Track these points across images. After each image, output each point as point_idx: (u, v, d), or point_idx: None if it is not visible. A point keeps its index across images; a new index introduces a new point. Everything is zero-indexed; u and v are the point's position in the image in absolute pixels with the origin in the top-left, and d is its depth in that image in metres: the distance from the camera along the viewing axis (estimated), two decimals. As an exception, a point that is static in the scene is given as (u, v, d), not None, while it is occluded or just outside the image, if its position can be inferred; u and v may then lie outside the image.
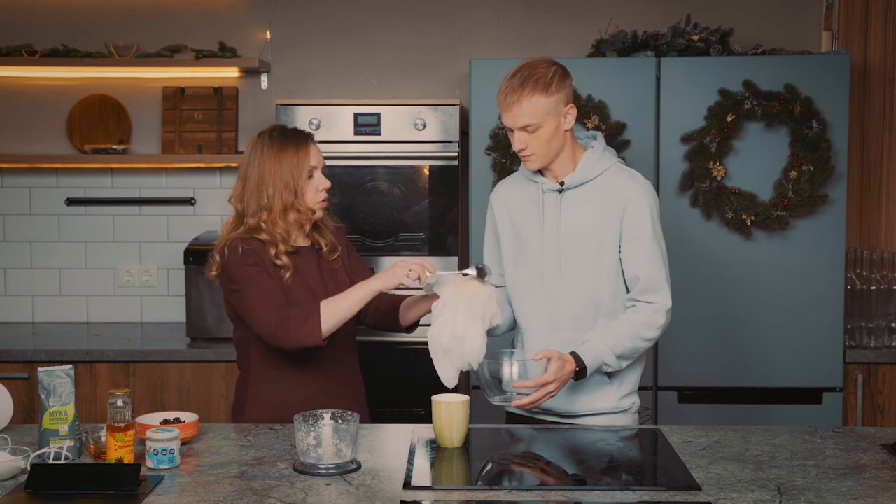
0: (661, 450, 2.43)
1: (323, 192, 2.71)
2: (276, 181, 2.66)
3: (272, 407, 2.68)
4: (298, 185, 2.66)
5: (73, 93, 4.30)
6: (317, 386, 2.69)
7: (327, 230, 2.80)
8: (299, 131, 2.74)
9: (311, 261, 2.74)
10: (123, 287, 4.36)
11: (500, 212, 2.77)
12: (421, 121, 3.84)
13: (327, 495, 2.07)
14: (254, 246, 2.65)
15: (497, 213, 2.78)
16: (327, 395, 2.68)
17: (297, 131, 2.73)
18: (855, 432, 2.54)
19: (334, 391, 2.71)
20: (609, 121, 3.64)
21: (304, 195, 2.68)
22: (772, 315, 3.70)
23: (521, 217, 2.72)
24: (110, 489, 2.07)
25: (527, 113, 2.54)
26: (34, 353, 3.74)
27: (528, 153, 2.60)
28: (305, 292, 2.67)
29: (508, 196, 2.76)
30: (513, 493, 2.09)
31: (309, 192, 2.69)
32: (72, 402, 2.29)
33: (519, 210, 2.72)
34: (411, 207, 3.80)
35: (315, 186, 2.70)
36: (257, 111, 4.31)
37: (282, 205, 2.66)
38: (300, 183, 2.66)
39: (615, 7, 4.24)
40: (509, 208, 2.75)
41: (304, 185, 2.68)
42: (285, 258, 2.65)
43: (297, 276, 2.68)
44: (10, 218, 4.35)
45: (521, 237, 2.71)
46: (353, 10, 4.31)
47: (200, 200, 4.33)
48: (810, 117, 3.60)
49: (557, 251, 2.65)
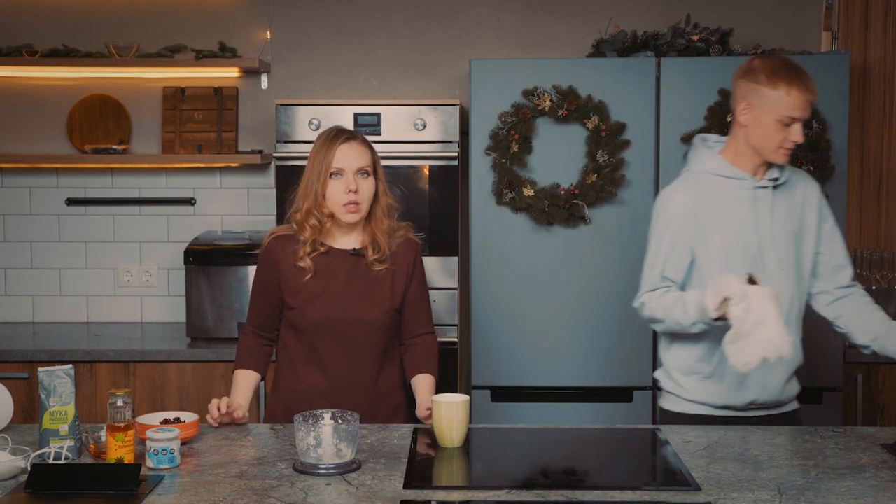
0: (661, 450, 2.43)
1: (349, 196, 2.62)
2: (305, 182, 2.68)
3: (286, 396, 2.72)
4: (318, 188, 2.64)
5: (73, 93, 4.30)
6: (327, 385, 2.69)
7: (380, 236, 2.70)
8: (340, 131, 2.69)
9: (342, 264, 2.69)
10: (123, 287, 4.36)
11: (687, 211, 2.71)
12: (421, 121, 3.84)
13: (327, 495, 2.07)
14: (282, 243, 2.69)
15: (683, 214, 2.71)
16: (337, 396, 2.67)
17: (338, 131, 2.69)
18: (855, 432, 2.54)
19: (346, 393, 2.68)
20: (609, 121, 3.64)
21: (326, 198, 2.65)
22: (772, 315, 3.70)
23: (724, 214, 2.69)
24: (110, 489, 2.07)
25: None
26: (34, 353, 3.74)
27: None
28: (322, 295, 2.67)
29: (702, 194, 2.72)
30: (513, 493, 2.09)
31: (330, 196, 2.64)
32: (72, 402, 2.29)
33: (719, 207, 2.69)
34: (411, 207, 3.79)
35: (339, 189, 2.63)
36: (257, 111, 4.31)
37: (306, 207, 2.67)
38: (318, 185, 2.64)
39: (615, 7, 4.24)
40: (701, 206, 2.71)
41: (323, 188, 2.64)
42: (308, 260, 2.66)
43: (318, 277, 2.67)
44: (10, 218, 4.35)
45: (732, 234, 2.68)
46: (353, 10, 4.31)
47: (200, 200, 4.33)
48: (810, 117, 3.60)
49: (774, 248, 2.67)
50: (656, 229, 2.75)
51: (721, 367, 2.68)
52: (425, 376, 2.72)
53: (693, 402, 2.74)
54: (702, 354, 2.72)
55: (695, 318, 2.59)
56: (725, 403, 2.72)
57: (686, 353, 2.74)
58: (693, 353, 2.73)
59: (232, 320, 3.88)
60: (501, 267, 3.73)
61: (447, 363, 3.52)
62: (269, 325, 2.77)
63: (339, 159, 2.63)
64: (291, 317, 2.70)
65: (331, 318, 2.66)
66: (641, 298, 2.75)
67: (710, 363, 2.71)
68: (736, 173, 2.70)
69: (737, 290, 2.43)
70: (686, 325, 2.63)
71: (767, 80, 2.61)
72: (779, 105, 2.60)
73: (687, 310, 2.60)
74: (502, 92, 3.67)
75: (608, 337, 3.74)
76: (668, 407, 2.80)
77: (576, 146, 3.67)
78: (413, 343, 2.78)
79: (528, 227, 3.71)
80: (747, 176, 2.69)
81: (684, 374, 2.75)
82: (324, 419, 2.26)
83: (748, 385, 2.69)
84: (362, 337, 2.68)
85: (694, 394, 2.74)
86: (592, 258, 3.72)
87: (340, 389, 2.69)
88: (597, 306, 3.74)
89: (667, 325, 2.69)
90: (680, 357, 2.76)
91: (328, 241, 2.71)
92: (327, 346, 2.68)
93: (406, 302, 2.74)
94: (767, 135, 2.63)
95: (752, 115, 2.64)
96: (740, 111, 2.67)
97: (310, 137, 3.81)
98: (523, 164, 3.66)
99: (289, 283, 2.69)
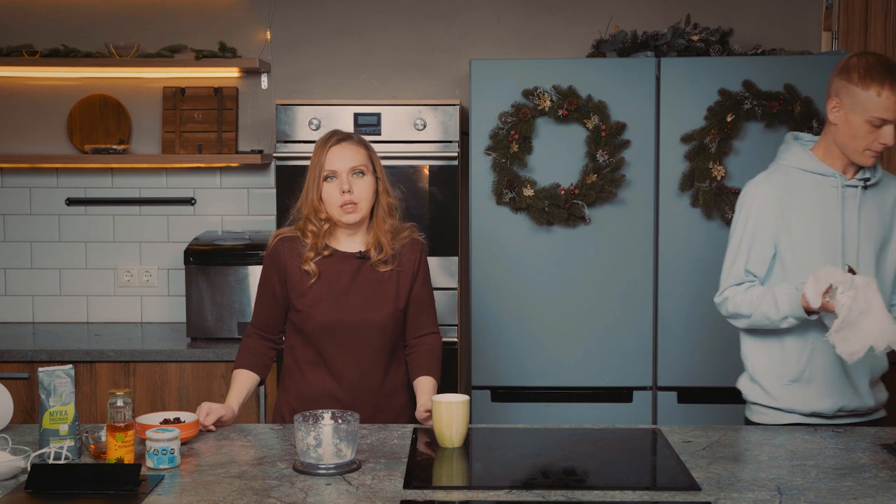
0: (661, 450, 2.43)
1: (344, 196, 2.61)
2: (304, 188, 2.69)
3: (293, 398, 2.72)
4: (313, 193, 2.64)
5: (73, 93, 4.30)
6: (334, 387, 2.69)
7: (383, 237, 2.69)
8: (334, 133, 2.69)
9: (347, 266, 2.69)
10: (123, 287, 4.36)
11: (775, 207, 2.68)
12: (421, 121, 3.84)
13: (327, 495, 2.07)
14: (288, 245, 2.69)
15: (766, 206, 2.68)
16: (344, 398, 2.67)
17: (331, 134, 2.68)
18: (855, 432, 2.54)
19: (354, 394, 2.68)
20: (609, 121, 3.64)
21: (324, 202, 2.64)
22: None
23: (808, 209, 2.66)
24: (110, 489, 2.07)
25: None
26: (34, 353, 3.74)
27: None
28: (327, 298, 2.66)
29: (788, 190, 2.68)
30: (513, 493, 2.09)
31: (327, 198, 2.64)
32: (72, 402, 2.29)
33: (804, 202, 2.67)
34: (411, 207, 3.79)
35: (334, 191, 2.62)
36: (257, 111, 4.31)
37: (305, 213, 2.68)
38: (313, 190, 2.64)
39: (615, 7, 4.24)
40: (788, 203, 2.67)
41: (319, 192, 2.64)
42: (312, 264, 2.66)
43: (323, 280, 2.67)
44: (10, 218, 4.35)
45: (815, 230, 2.66)
46: (353, 10, 4.31)
47: (200, 200, 4.33)
48: (810, 117, 3.60)
49: (858, 249, 2.64)
50: (738, 222, 2.71)
51: (809, 368, 2.66)
52: (427, 378, 2.72)
53: (780, 410, 2.70)
54: (787, 355, 2.68)
55: (786, 311, 2.56)
56: (814, 410, 2.67)
57: (770, 354, 2.70)
58: (778, 355, 2.69)
59: (232, 320, 3.88)
60: (501, 267, 3.73)
61: (447, 363, 3.51)
62: (273, 326, 2.77)
63: (332, 161, 2.63)
64: (297, 320, 2.70)
65: (336, 321, 2.66)
66: (724, 293, 2.70)
67: (797, 364, 2.67)
68: (824, 170, 2.66)
69: (843, 278, 2.40)
70: (775, 321, 2.59)
71: (860, 80, 2.55)
72: (869, 105, 2.55)
73: (778, 304, 2.57)
74: (502, 92, 3.67)
75: (608, 337, 3.74)
76: (755, 419, 2.75)
77: (576, 146, 3.67)
78: (417, 343, 2.77)
79: (528, 227, 3.71)
80: (836, 173, 2.65)
81: (770, 378, 2.70)
82: (324, 419, 2.26)
83: (837, 391, 2.66)
84: (368, 339, 2.68)
85: (781, 400, 2.69)
86: (592, 258, 3.72)
87: (348, 391, 2.68)
88: (597, 306, 3.74)
89: (753, 321, 2.64)
90: (764, 359, 2.71)
91: (332, 243, 2.71)
92: (334, 349, 2.68)
93: (411, 302, 2.74)
94: (855, 135, 2.59)
95: (842, 113, 2.60)
96: (830, 108, 2.63)
97: (310, 137, 3.81)
98: (523, 164, 3.66)
99: (295, 285, 2.69)
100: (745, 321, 2.67)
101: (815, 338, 2.64)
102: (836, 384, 2.66)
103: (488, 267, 3.74)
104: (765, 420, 2.72)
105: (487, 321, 3.74)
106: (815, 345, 2.64)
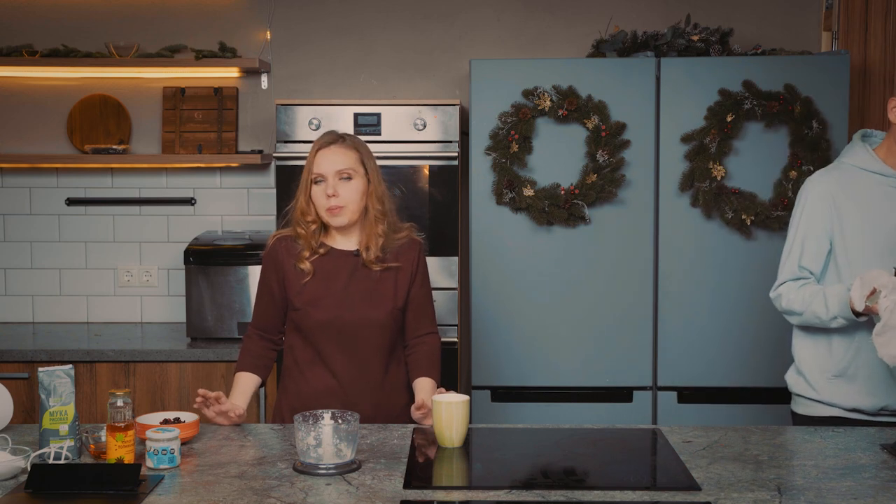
0: (661, 450, 2.43)
1: (329, 201, 2.63)
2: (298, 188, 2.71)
3: (293, 398, 2.72)
4: (301, 196, 2.68)
5: (73, 93, 4.30)
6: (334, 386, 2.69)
7: (375, 236, 2.69)
8: (325, 135, 2.71)
9: (343, 264, 2.70)
10: (123, 287, 4.36)
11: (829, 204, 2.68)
12: (421, 121, 3.84)
13: (327, 495, 2.07)
14: (286, 244, 2.71)
15: (822, 201, 2.68)
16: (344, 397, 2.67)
17: (322, 136, 2.71)
18: (855, 432, 2.53)
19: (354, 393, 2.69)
20: (609, 121, 3.64)
21: (314, 204, 2.67)
22: (772, 315, 3.68)
23: (864, 207, 2.66)
24: (110, 489, 2.07)
25: None
26: (34, 353, 3.74)
27: None
28: (324, 296, 2.67)
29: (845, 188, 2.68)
30: (513, 493, 2.09)
31: (315, 201, 2.67)
32: (72, 402, 2.29)
33: (861, 200, 2.66)
34: (411, 208, 3.80)
35: (321, 194, 2.64)
36: (257, 111, 4.31)
37: (295, 216, 2.71)
38: (302, 193, 2.68)
39: (615, 7, 4.24)
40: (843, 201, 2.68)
41: (307, 194, 2.67)
42: (307, 263, 2.67)
43: (319, 279, 2.68)
44: (10, 218, 4.35)
45: (869, 229, 2.66)
46: (353, 10, 4.31)
47: (200, 200, 4.33)
48: (810, 117, 3.60)
49: None
50: (794, 217, 2.74)
51: (854, 365, 2.67)
52: (425, 380, 2.72)
53: (822, 402, 2.72)
54: (833, 351, 2.69)
55: (836, 312, 2.57)
56: (855, 406, 2.69)
57: (817, 349, 2.72)
58: (825, 350, 2.71)
59: (232, 320, 3.88)
60: (501, 267, 3.73)
61: (447, 363, 3.52)
62: (273, 327, 2.78)
63: (319, 165, 2.65)
64: (296, 318, 2.71)
65: (334, 319, 2.66)
66: (779, 289, 2.72)
67: (842, 360, 2.68)
68: (883, 169, 2.66)
69: (887, 281, 2.41)
70: (825, 320, 2.61)
71: None
72: None
73: (828, 304, 2.58)
74: (502, 92, 3.67)
75: (608, 337, 3.74)
76: (799, 411, 2.78)
77: (576, 146, 3.67)
78: (416, 344, 2.77)
79: (528, 227, 3.71)
80: (895, 174, 2.66)
81: (815, 372, 2.73)
82: (324, 419, 2.26)
83: (880, 390, 2.67)
84: (367, 337, 2.68)
85: (823, 394, 2.72)
86: (592, 258, 3.72)
87: (347, 390, 2.69)
88: (597, 306, 3.74)
89: (804, 319, 2.67)
90: (811, 353, 2.74)
91: (329, 242, 2.72)
92: (332, 347, 2.68)
93: (409, 302, 2.74)
94: None
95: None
96: (890, 108, 2.63)
97: (310, 137, 3.81)
98: (523, 164, 3.66)
99: (292, 284, 2.69)
100: (798, 318, 2.70)
101: (861, 337, 2.65)
102: (881, 384, 2.67)
103: (488, 267, 3.74)
104: (807, 412, 2.76)
105: (487, 321, 3.74)
106: (860, 344, 2.66)
